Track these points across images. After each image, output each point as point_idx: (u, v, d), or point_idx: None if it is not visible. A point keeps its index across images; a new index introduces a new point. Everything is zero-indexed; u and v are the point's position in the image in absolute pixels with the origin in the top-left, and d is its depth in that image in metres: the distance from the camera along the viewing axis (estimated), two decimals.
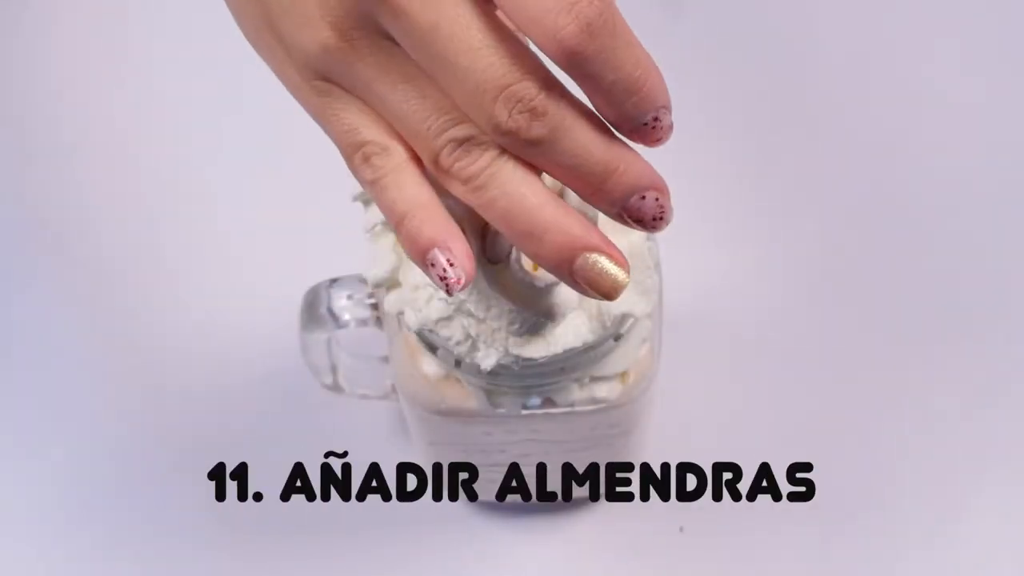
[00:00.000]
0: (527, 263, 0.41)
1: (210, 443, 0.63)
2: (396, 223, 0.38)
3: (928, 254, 0.67)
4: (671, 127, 0.37)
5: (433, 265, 0.37)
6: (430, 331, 0.44)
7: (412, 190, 0.38)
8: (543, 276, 0.41)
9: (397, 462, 0.62)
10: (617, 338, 0.44)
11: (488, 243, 0.40)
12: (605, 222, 0.43)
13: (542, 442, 0.52)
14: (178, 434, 0.63)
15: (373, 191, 0.38)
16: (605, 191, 0.36)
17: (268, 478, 0.62)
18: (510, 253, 0.41)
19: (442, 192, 0.38)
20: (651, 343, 0.48)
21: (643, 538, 0.61)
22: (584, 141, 0.36)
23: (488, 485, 0.57)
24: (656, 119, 0.36)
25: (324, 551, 0.61)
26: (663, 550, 0.60)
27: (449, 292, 0.37)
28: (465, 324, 0.43)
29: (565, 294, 0.42)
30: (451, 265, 0.37)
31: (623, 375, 0.48)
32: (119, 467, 0.63)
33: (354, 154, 0.38)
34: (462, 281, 0.37)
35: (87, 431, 0.64)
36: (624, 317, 0.44)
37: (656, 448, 0.60)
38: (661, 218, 0.37)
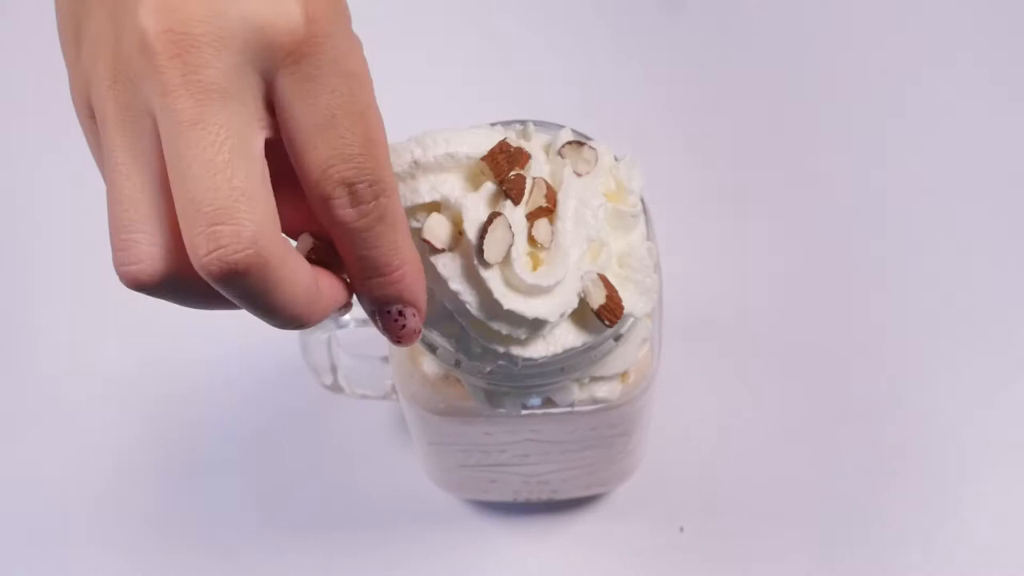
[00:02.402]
0: (526, 263, 0.41)
1: (210, 443, 0.63)
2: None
3: (928, 255, 0.67)
4: (416, 332, 0.38)
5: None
6: (430, 331, 0.44)
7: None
8: (543, 276, 0.41)
9: (397, 462, 0.62)
10: (617, 338, 0.44)
11: (486, 244, 0.40)
12: (605, 222, 0.43)
13: (542, 442, 0.52)
14: (178, 434, 0.63)
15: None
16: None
17: (268, 478, 0.62)
18: (508, 253, 0.41)
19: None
20: (651, 343, 0.48)
21: (643, 538, 0.61)
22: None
23: (488, 485, 0.58)
24: (400, 313, 0.37)
25: (324, 551, 0.61)
26: (663, 550, 0.60)
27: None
28: (465, 324, 0.43)
29: (565, 294, 0.42)
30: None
31: (623, 375, 0.48)
32: (118, 467, 0.63)
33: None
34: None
35: (86, 431, 0.64)
36: (624, 317, 0.44)
37: (656, 448, 0.60)
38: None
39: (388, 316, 0.38)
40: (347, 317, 0.52)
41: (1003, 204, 0.68)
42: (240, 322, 0.64)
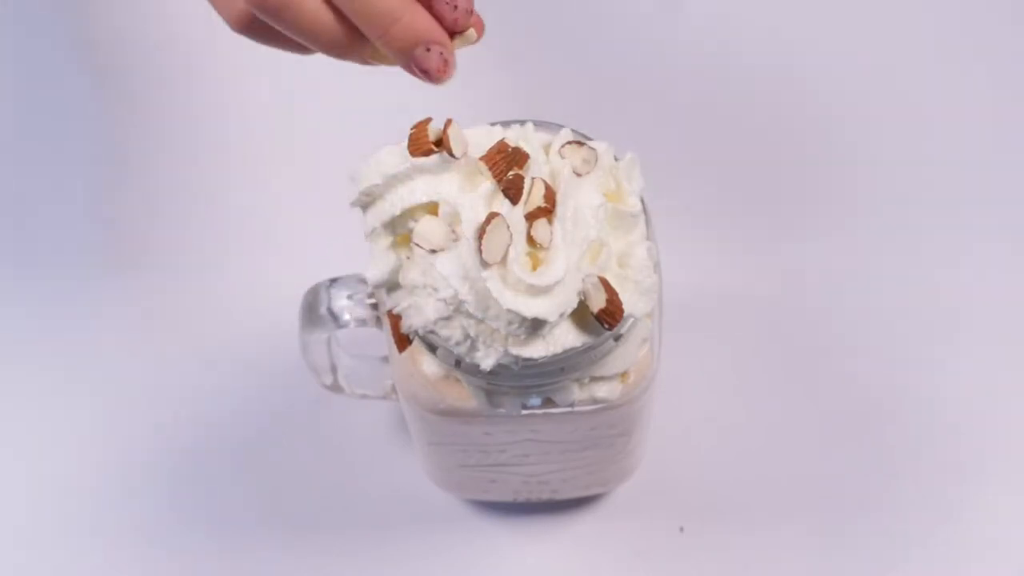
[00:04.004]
0: (525, 263, 0.41)
1: (210, 443, 0.63)
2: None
3: (927, 254, 0.67)
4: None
5: (428, 52, 0.42)
6: (430, 331, 0.44)
7: None
8: (542, 276, 0.41)
9: (397, 462, 0.62)
10: (617, 338, 0.44)
11: (485, 244, 0.40)
12: (605, 222, 0.43)
13: (542, 442, 0.52)
14: (178, 434, 0.63)
15: None
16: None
17: (268, 478, 0.62)
18: (507, 253, 0.41)
19: None
20: (651, 343, 0.48)
21: (643, 538, 0.61)
22: None
23: (488, 485, 0.58)
24: (427, 50, 0.41)
25: (324, 551, 0.61)
26: (663, 550, 0.60)
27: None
28: (464, 324, 0.42)
29: (565, 294, 0.42)
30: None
31: (623, 375, 0.48)
32: (118, 467, 0.63)
33: None
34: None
35: (85, 431, 0.64)
36: (624, 317, 0.44)
37: (656, 448, 0.60)
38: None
39: (419, 58, 0.42)
40: (347, 317, 0.52)
41: (1006, 203, 0.68)
42: (238, 321, 0.65)
